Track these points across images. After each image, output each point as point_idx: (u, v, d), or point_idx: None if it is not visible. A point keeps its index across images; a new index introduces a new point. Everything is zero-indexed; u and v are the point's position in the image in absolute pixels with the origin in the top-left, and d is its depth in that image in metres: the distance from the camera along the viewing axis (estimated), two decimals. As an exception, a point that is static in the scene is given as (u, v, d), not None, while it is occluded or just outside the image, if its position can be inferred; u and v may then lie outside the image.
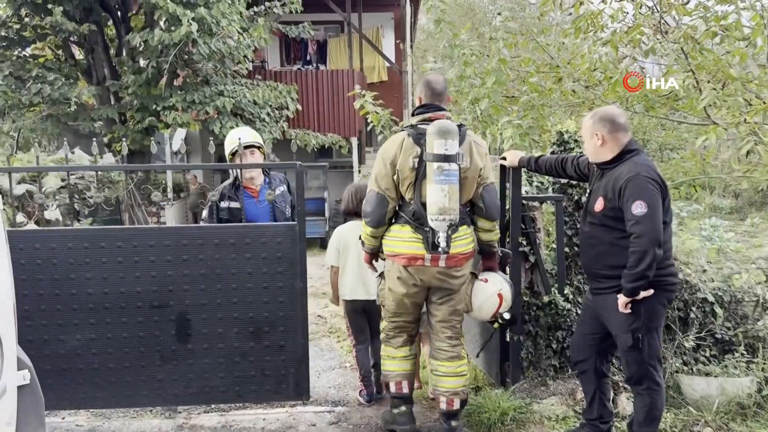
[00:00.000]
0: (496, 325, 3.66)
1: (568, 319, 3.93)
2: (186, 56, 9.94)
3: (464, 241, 3.24)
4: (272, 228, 3.75)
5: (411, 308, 3.40)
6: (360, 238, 3.50)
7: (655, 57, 6.46)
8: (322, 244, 12.27)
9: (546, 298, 3.91)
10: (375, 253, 3.46)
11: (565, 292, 3.94)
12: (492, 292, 3.40)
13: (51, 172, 8.42)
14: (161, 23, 9.18)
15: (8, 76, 9.53)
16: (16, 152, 9.92)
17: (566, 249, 3.97)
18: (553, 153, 4.17)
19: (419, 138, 3.15)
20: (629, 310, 3.01)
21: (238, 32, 10.10)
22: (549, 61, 8.41)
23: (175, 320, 3.70)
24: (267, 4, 11.69)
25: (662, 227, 2.95)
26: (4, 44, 9.86)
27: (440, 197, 3.03)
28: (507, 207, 3.81)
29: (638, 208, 2.91)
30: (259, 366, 3.76)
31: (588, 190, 3.28)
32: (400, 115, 14.90)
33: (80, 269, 3.62)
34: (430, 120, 3.18)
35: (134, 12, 10.70)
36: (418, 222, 3.19)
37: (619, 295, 3.03)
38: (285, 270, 3.72)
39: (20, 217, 7.96)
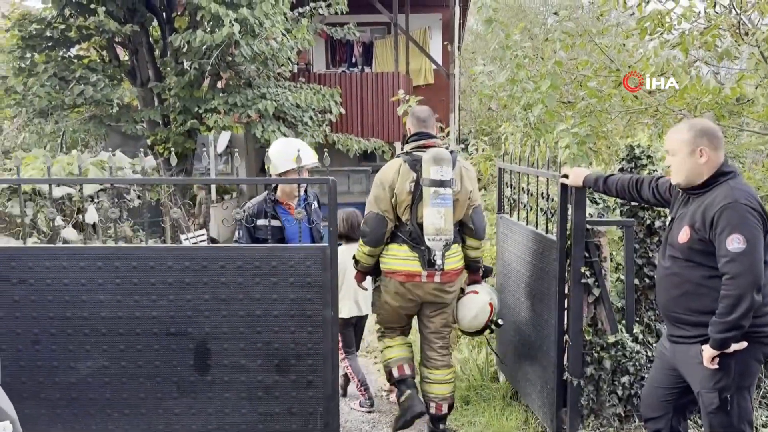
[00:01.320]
0: (487, 332, 3.84)
1: (636, 363, 3.42)
2: (229, 58, 9.70)
3: (455, 258, 3.57)
4: (301, 250, 3.35)
5: (404, 320, 3.79)
6: (354, 257, 3.76)
7: (731, 61, 5.84)
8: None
9: (611, 338, 3.40)
10: (366, 272, 3.77)
11: (634, 330, 3.42)
12: (485, 301, 3.70)
13: (91, 183, 8.29)
14: (204, 24, 8.95)
15: (52, 77, 9.48)
16: (59, 153, 9.86)
17: (636, 281, 3.45)
18: (622, 170, 3.65)
19: (415, 164, 3.46)
20: (716, 366, 2.50)
21: (282, 33, 9.80)
22: (608, 64, 7.81)
23: (193, 349, 3.34)
24: (312, 4, 11.37)
25: (762, 267, 2.43)
26: (49, 45, 9.81)
27: (437, 219, 3.33)
28: (568, 232, 3.31)
29: (734, 242, 2.40)
30: (284, 402, 3.37)
31: (669, 218, 2.76)
32: (446, 119, 14.41)
33: (93, 291, 3.30)
34: (425, 147, 3.51)
35: (179, 13, 10.53)
36: (415, 241, 3.50)
37: (704, 347, 2.52)
38: (314, 297, 3.32)
39: (59, 220, 7.83)
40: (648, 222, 3.57)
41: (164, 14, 10.48)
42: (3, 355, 3.20)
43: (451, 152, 3.47)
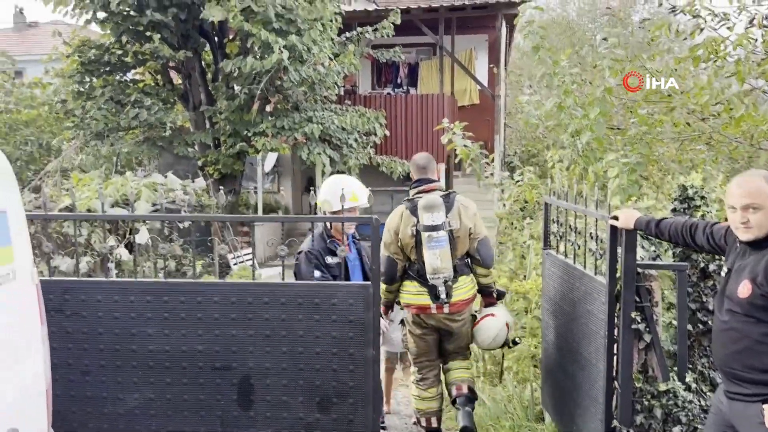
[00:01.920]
0: (506, 349, 4.22)
1: (689, 413, 3.25)
2: (278, 82, 9.86)
3: (464, 290, 3.89)
4: (344, 288, 3.34)
5: (429, 346, 4.04)
6: None
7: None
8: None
9: (663, 386, 3.25)
10: (390, 305, 4.11)
11: (687, 379, 3.26)
12: (502, 323, 4.00)
13: (113, 218, 8.50)
14: (255, 50, 9.14)
15: (109, 101, 9.83)
16: (113, 174, 10.18)
17: (689, 326, 3.30)
18: (674, 210, 3.52)
19: (414, 210, 3.79)
20: (778, 426, 2.35)
21: (329, 58, 9.93)
22: (659, 89, 7.61)
23: (237, 384, 3.36)
24: (359, 29, 11.50)
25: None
26: (107, 69, 10.20)
27: (433, 260, 3.69)
28: (618, 275, 3.20)
29: (801, 300, 2.26)
30: (325, 440, 3.35)
31: (725, 268, 2.63)
32: (491, 139, 14.32)
33: (142, 324, 3.36)
34: (425, 191, 3.88)
35: (230, 38, 10.79)
36: (422, 278, 3.82)
37: (765, 406, 2.37)
38: (356, 335, 3.29)
39: (111, 240, 8.05)
40: (702, 265, 3.42)
41: (216, 39, 10.76)
42: (55, 385, 3.28)
43: (449, 194, 3.91)
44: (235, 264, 11.80)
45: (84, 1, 9.80)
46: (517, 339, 4.13)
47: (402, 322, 4.15)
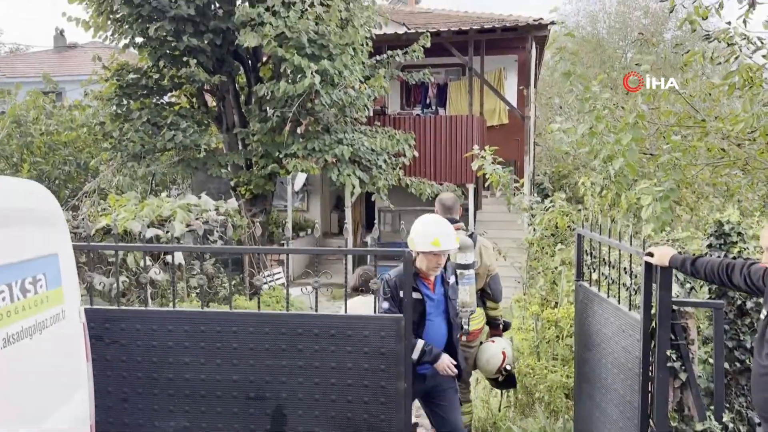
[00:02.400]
0: (500, 377, 4.41)
1: (727, 453, 3.19)
2: (309, 105, 10.00)
3: (478, 320, 4.37)
4: (376, 320, 3.37)
5: None
6: None
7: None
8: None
9: (699, 425, 3.19)
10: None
11: (724, 418, 3.20)
12: (498, 350, 4.35)
13: (138, 250, 8.66)
14: (287, 74, 9.30)
15: (146, 123, 10.07)
16: (149, 195, 10.41)
17: (726, 365, 3.24)
18: (710, 246, 3.47)
19: None
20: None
21: (360, 81, 10.05)
22: (693, 114, 7.52)
23: (270, 414, 3.40)
24: (389, 52, 11.62)
25: None
26: (144, 93, 10.47)
27: (464, 295, 3.96)
28: (653, 311, 3.17)
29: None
30: (356, 473, 3.36)
31: (765, 312, 2.60)
32: (520, 159, 14.27)
33: (179, 353, 3.42)
34: None
35: (264, 62, 11.01)
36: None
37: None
38: (388, 368, 3.31)
39: (148, 261, 8.21)
40: (739, 302, 3.36)
41: (250, 64, 10.98)
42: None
43: (472, 234, 4.33)
44: (265, 283, 11.94)
45: (123, 26, 10.12)
46: (507, 367, 4.38)
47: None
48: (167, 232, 8.69)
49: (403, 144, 11.57)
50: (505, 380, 4.52)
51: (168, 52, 9.87)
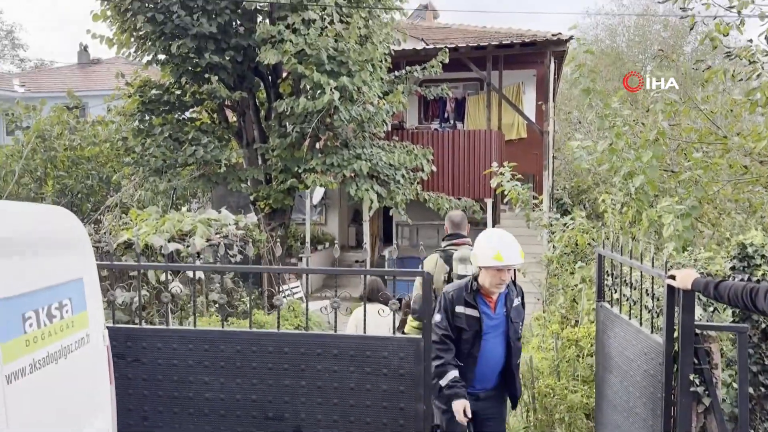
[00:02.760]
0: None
1: (753, 481, 3.12)
2: (328, 120, 10.07)
3: None
4: (395, 341, 3.37)
5: None
6: (403, 331, 4.57)
7: None
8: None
9: (724, 452, 3.14)
10: None
11: (750, 445, 3.14)
12: None
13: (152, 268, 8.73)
14: (307, 91, 9.39)
15: (167, 138, 10.20)
16: (170, 209, 10.53)
17: (750, 389, 3.18)
18: (733, 269, 3.42)
19: (448, 260, 4.38)
20: None
21: (379, 97, 10.10)
22: (714, 131, 7.45)
23: (289, 434, 3.40)
24: (407, 68, 11.67)
25: None
26: (166, 108, 10.61)
27: None
28: (676, 335, 3.13)
29: None
30: (375, 494, 3.35)
31: (791, 338, 2.55)
32: (539, 172, 14.20)
33: (199, 372, 3.45)
34: (456, 245, 4.49)
35: (283, 78, 11.12)
36: None
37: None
38: (407, 389, 3.31)
39: (168, 275, 8.29)
40: (763, 326, 3.31)
41: (270, 79, 11.10)
42: (116, 430, 3.40)
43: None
44: (284, 297, 12.00)
45: (146, 44, 10.30)
46: None
47: None
48: (188, 246, 8.78)
49: (421, 159, 11.58)
50: None
51: (190, 68, 10.01)
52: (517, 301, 3.62)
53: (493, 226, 13.46)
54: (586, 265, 6.13)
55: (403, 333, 4.50)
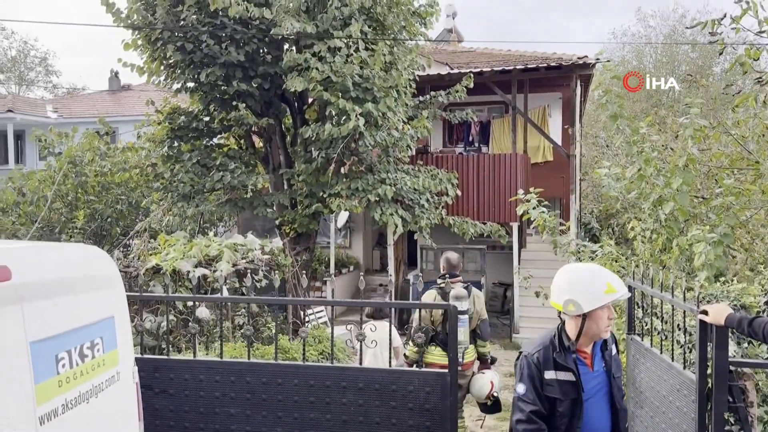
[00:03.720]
0: (489, 402, 5.52)
1: None
2: (353, 145, 10.15)
3: (470, 355, 5.62)
4: (420, 375, 3.35)
5: None
6: (405, 354, 5.83)
7: None
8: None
9: (762, 494, 3.05)
10: (413, 363, 5.37)
11: (789, 487, 3.04)
12: (487, 380, 5.52)
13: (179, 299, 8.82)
14: (333, 117, 9.50)
15: (195, 164, 10.37)
16: (197, 235, 10.67)
17: (789, 429, 3.09)
18: (768, 303, 3.35)
19: (445, 296, 4.32)
20: None
21: (403, 122, 10.17)
22: (745, 155, 7.34)
23: (314, 469, 3.39)
24: (432, 93, 11.73)
25: None
26: (194, 135, 10.81)
27: (459, 335, 4.58)
28: (709, 372, 3.06)
29: None
30: None
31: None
32: (565, 195, 14.09)
33: (225, 404, 3.47)
34: (452, 283, 5.22)
35: (309, 105, 11.27)
36: (446, 345, 5.16)
37: None
38: (433, 425, 3.28)
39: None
40: (802, 363, 3.22)
41: (296, 105, 11.25)
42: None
43: (468, 285, 5.63)
44: (307, 322, 12.01)
45: (175, 72, 10.54)
46: (495, 393, 5.51)
47: None
48: (214, 271, 8.88)
49: (445, 183, 11.58)
50: (492, 405, 5.57)
51: (218, 96, 10.20)
52: (614, 349, 2.96)
53: (520, 251, 13.35)
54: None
55: (405, 356, 5.73)
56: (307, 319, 12.09)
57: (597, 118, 22.78)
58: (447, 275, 5.59)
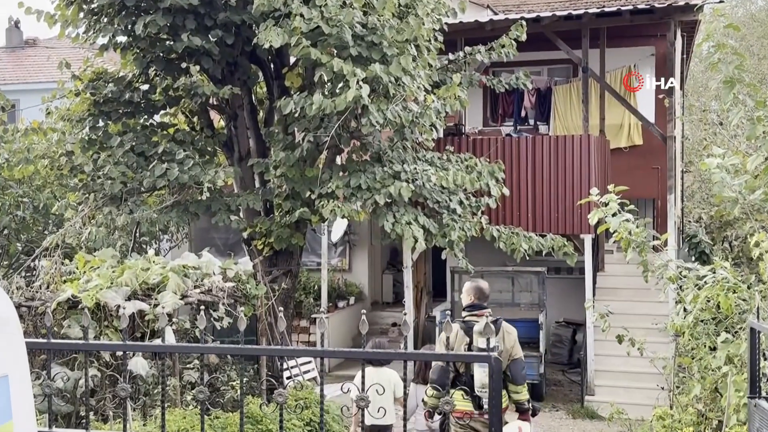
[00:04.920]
0: None
1: None
2: (353, 125, 10.14)
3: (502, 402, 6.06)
4: None
5: None
6: (423, 400, 6.54)
7: None
8: (534, 391, 11.50)
9: None
10: (433, 410, 6.33)
11: None
12: (515, 427, 6.21)
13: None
14: (324, 84, 9.49)
15: (129, 153, 10.37)
16: (131, 253, 10.72)
17: None
18: None
19: (468, 331, 6.03)
20: None
21: (426, 91, 10.13)
22: None
23: None
24: (467, 49, 11.74)
25: None
26: (128, 111, 10.85)
27: (483, 376, 5.68)
28: None
29: None
30: None
31: None
32: (661, 196, 14.06)
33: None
34: (477, 316, 6.21)
35: (291, 67, 11.30)
36: (469, 388, 6.07)
37: None
38: None
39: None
40: None
41: (272, 68, 11.30)
42: None
43: (497, 320, 6.22)
44: (288, 378, 12.02)
45: (101, 21, 10.61)
46: None
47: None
48: (155, 306, 8.92)
49: (487, 178, 11.53)
50: None
51: (161, 55, 10.28)
52: None
53: (595, 275, 13.31)
54: (735, 339, 6.03)
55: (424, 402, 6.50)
56: (287, 374, 12.11)
57: (706, 84, 22.69)
58: (473, 307, 6.43)
